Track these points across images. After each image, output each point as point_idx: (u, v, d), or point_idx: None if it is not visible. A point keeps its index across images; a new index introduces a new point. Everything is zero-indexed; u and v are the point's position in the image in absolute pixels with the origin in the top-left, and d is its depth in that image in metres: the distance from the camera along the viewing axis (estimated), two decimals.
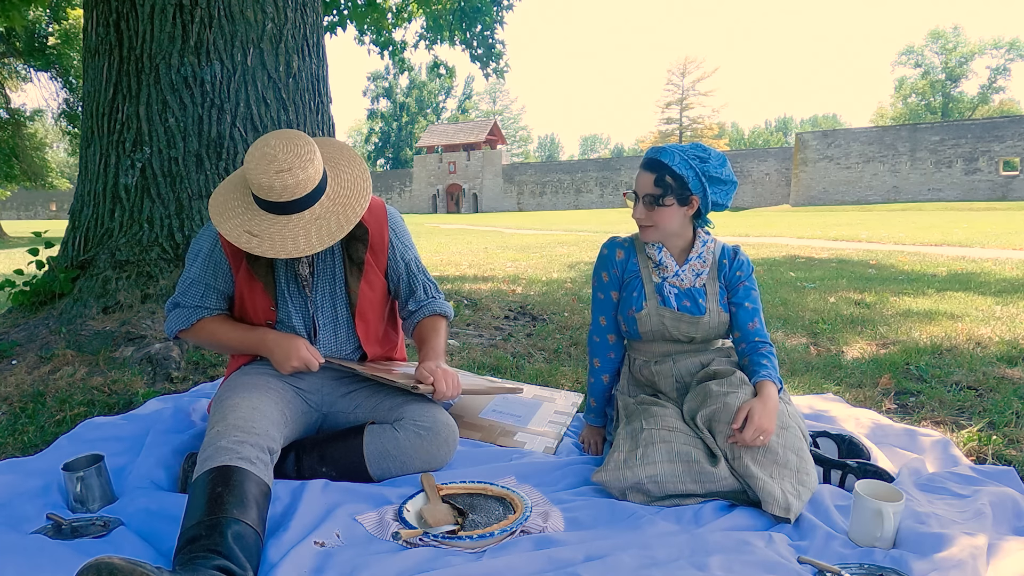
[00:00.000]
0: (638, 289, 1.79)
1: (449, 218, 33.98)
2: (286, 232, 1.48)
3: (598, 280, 1.87)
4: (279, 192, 1.45)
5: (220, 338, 1.71)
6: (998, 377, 2.48)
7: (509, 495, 1.53)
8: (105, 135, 3.18)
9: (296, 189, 1.46)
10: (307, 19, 3.41)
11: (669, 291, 1.77)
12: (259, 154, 1.45)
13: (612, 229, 16.55)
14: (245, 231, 1.48)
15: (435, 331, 1.80)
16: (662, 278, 1.78)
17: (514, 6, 8.18)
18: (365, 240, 1.71)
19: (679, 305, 1.76)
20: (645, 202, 1.70)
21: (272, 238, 1.47)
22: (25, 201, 52.93)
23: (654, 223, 1.70)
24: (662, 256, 1.75)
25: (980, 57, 49.46)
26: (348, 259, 1.71)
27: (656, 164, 1.67)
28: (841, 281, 5.35)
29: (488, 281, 5.88)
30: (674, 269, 1.76)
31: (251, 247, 1.47)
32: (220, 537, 1.18)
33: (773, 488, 1.42)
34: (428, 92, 64.57)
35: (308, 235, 1.49)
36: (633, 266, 1.81)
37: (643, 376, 1.86)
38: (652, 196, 1.67)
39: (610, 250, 1.84)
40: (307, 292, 1.71)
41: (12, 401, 2.31)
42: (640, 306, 1.77)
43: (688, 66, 52.82)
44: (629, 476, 1.52)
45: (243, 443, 1.37)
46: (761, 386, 1.59)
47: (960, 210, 22.69)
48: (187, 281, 1.71)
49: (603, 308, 1.87)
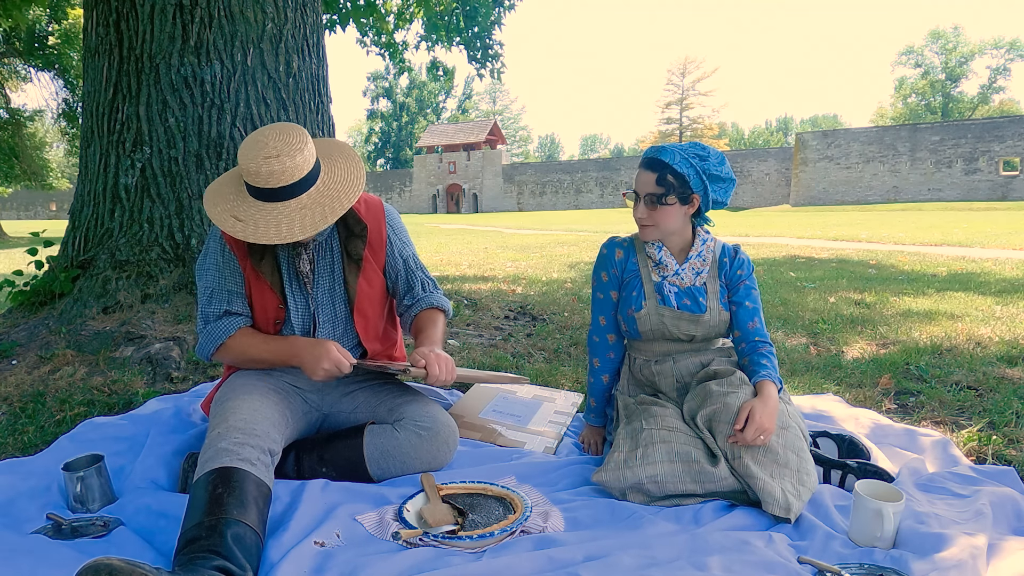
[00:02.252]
0: (637, 288, 1.79)
1: (449, 218, 33.98)
2: (270, 219, 1.49)
3: (597, 280, 1.87)
4: (266, 178, 1.46)
5: (251, 353, 1.66)
6: (998, 377, 2.48)
7: (509, 495, 1.53)
8: (105, 135, 3.18)
9: (283, 176, 1.47)
10: (307, 19, 3.41)
11: (669, 290, 1.77)
12: (251, 141, 1.48)
13: (612, 229, 16.56)
14: (231, 215, 1.50)
15: (432, 322, 1.79)
16: (662, 277, 1.78)
17: (516, 6, 8.17)
18: (364, 237, 1.72)
19: (679, 304, 1.76)
20: (646, 201, 1.69)
21: (256, 223, 1.48)
22: (25, 201, 52.94)
23: (655, 222, 1.70)
24: (662, 255, 1.76)
25: (980, 57, 49.51)
26: (347, 256, 1.72)
27: (657, 163, 1.66)
28: (841, 281, 5.35)
29: (488, 281, 5.88)
30: (674, 268, 1.76)
31: (235, 231, 1.48)
32: (219, 538, 1.18)
33: (773, 488, 1.43)
34: (428, 92, 64.58)
35: (291, 223, 1.48)
36: (632, 265, 1.81)
37: (643, 376, 1.86)
38: (654, 195, 1.67)
39: (609, 250, 1.84)
40: (308, 289, 1.72)
41: (12, 401, 2.31)
42: (639, 305, 1.77)
43: (688, 66, 52.82)
44: (629, 476, 1.52)
45: (244, 445, 1.37)
46: (761, 386, 1.59)
47: (960, 210, 22.69)
48: (208, 292, 1.68)
49: (603, 308, 1.87)
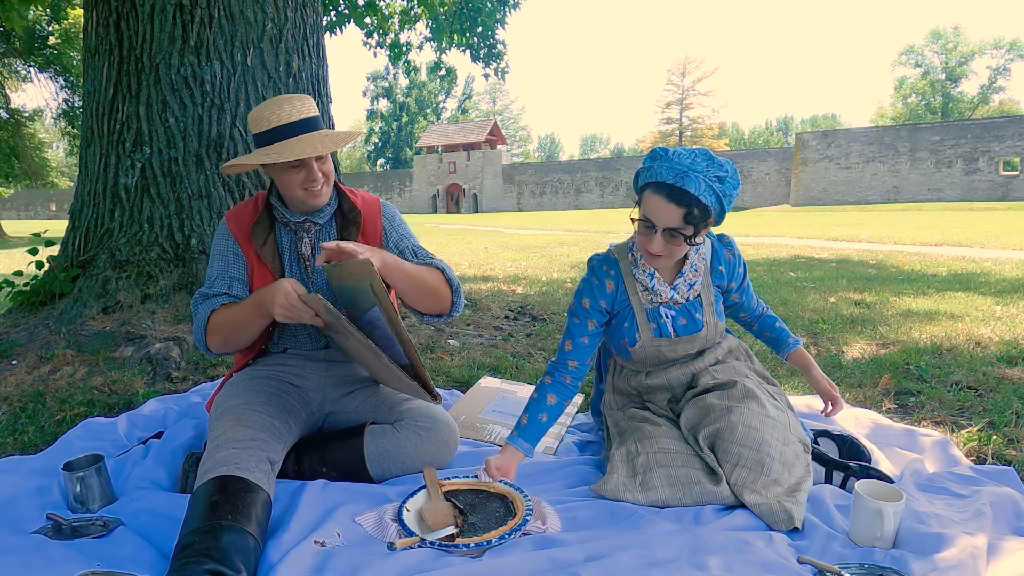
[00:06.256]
0: (629, 320, 1.67)
1: (449, 218, 33.97)
2: (295, 146, 1.55)
3: (578, 304, 1.69)
4: (287, 114, 1.57)
5: (231, 322, 1.60)
6: (998, 377, 2.48)
7: (511, 493, 1.53)
8: (105, 135, 3.18)
9: (300, 110, 1.58)
10: (307, 19, 3.41)
11: (666, 315, 1.66)
12: (261, 104, 1.61)
13: (612, 229, 16.56)
14: (262, 154, 1.56)
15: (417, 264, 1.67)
16: (655, 303, 1.66)
17: (520, 4, 8.16)
18: (357, 224, 1.74)
19: (676, 327, 1.67)
20: (666, 236, 1.49)
21: (289, 148, 1.55)
22: (25, 201, 52.91)
23: (671, 254, 1.54)
24: (654, 283, 1.63)
25: (980, 57, 49.52)
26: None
27: (683, 196, 1.44)
28: (841, 281, 5.35)
29: (488, 281, 5.87)
30: (668, 294, 1.64)
31: (271, 158, 1.53)
32: (214, 541, 1.17)
33: (773, 505, 1.42)
34: (428, 92, 64.55)
35: (313, 144, 1.56)
36: (623, 295, 1.67)
37: (630, 386, 1.80)
38: (676, 230, 1.47)
39: (600, 279, 1.67)
40: (308, 272, 1.73)
41: (12, 401, 2.31)
42: (633, 339, 1.67)
43: (688, 66, 52.85)
44: (629, 499, 1.52)
45: (242, 453, 1.37)
46: (798, 356, 1.79)
47: (960, 210, 22.69)
48: (211, 278, 1.71)
49: (578, 331, 1.69)
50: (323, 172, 1.62)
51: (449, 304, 1.71)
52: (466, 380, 2.65)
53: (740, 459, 1.49)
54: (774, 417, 1.55)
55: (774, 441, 1.50)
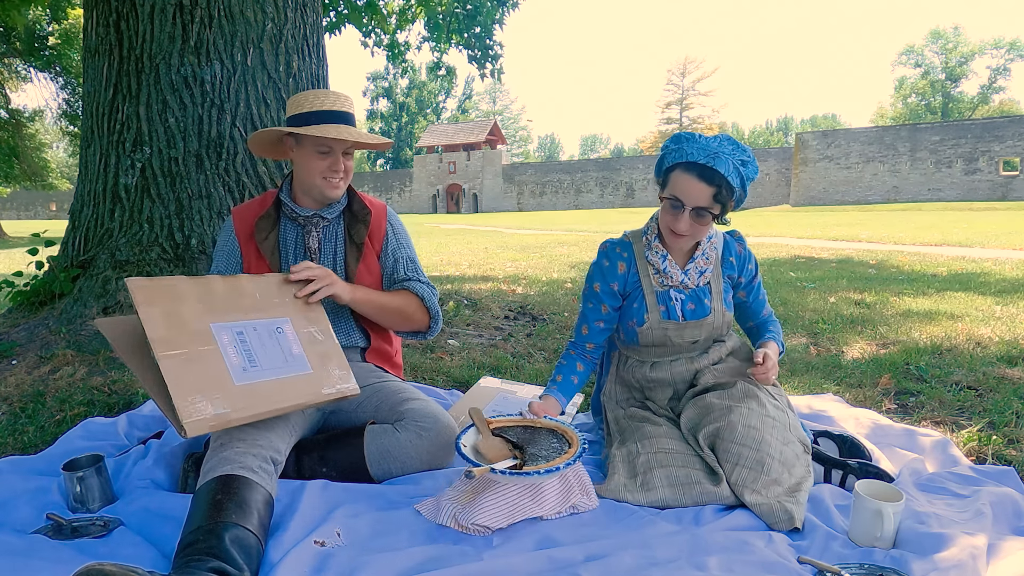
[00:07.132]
0: (639, 300, 1.71)
1: (449, 218, 33.97)
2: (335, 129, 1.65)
3: (589, 288, 1.76)
4: (332, 102, 1.67)
5: None
6: (998, 377, 2.48)
7: (560, 427, 1.56)
8: (105, 135, 3.18)
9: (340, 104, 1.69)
10: (307, 19, 3.41)
11: (675, 298, 1.70)
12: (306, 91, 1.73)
13: (612, 229, 16.55)
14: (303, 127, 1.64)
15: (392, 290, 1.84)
16: (666, 286, 1.70)
17: (519, 4, 8.15)
18: (367, 222, 1.82)
19: (684, 311, 1.69)
20: (694, 214, 1.53)
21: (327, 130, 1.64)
22: (25, 201, 52.93)
23: (695, 234, 1.58)
24: (666, 264, 1.68)
25: (980, 57, 49.53)
26: (349, 239, 1.81)
27: (714, 175, 1.50)
28: (841, 281, 5.35)
29: (488, 281, 5.88)
30: (679, 277, 1.68)
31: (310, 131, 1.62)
32: (217, 540, 1.18)
33: (773, 505, 1.42)
34: (428, 92, 64.57)
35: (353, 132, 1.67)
36: (634, 277, 1.72)
37: (633, 379, 1.81)
38: (705, 209, 1.53)
39: (612, 261, 1.73)
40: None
41: (12, 401, 2.31)
42: (642, 319, 1.70)
43: (688, 66, 52.92)
44: (630, 500, 1.52)
45: (246, 453, 1.37)
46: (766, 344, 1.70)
47: (960, 210, 22.68)
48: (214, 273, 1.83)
49: (593, 315, 1.76)
50: (346, 166, 1.73)
51: (425, 328, 1.87)
52: (466, 380, 2.65)
53: (740, 459, 1.49)
54: (774, 417, 1.56)
55: (774, 441, 1.50)
